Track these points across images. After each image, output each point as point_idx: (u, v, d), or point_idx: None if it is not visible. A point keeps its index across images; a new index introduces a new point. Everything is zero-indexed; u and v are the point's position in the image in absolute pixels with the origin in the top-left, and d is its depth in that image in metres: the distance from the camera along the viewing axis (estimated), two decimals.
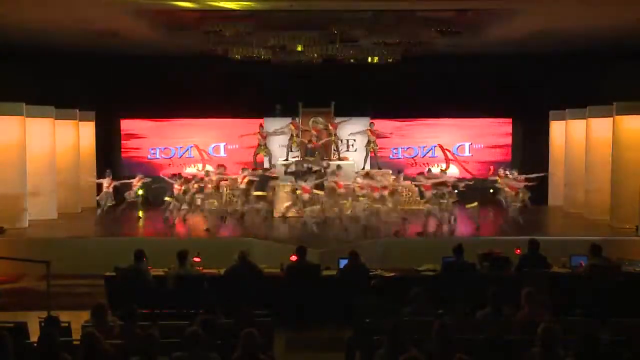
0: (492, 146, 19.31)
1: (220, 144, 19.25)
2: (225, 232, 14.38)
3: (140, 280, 9.07)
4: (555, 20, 13.05)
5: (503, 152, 19.26)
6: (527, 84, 17.93)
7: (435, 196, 13.88)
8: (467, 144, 19.33)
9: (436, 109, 18.47)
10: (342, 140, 18.55)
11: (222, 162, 16.68)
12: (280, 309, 8.38)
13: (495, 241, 11.84)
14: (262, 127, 18.16)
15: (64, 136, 16.86)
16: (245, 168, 16.01)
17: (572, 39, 14.64)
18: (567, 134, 17.50)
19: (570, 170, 17.23)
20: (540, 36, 14.29)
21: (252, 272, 9.17)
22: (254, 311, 7.01)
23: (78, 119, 17.50)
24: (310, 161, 16.67)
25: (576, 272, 9.53)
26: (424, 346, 5.72)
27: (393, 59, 14.74)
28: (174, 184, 14.89)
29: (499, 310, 7.15)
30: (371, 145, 17.84)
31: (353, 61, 14.93)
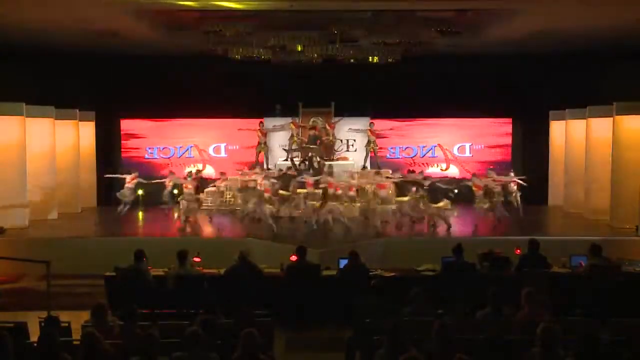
0: (492, 146, 19.31)
1: (220, 144, 19.24)
2: (227, 233, 14.31)
3: (140, 280, 9.06)
4: (555, 20, 13.04)
5: (503, 152, 19.26)
6: (527, 84, 17.92)
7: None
8: (468, 144, 19.34)
9: (436, 108, 18.47)
10: (342, 140, 18.56)
11: (222, 162, 16.64)
12: (280, 309, 8.39)
13: (495, 241, 11.80)
14: (262, 124, 18.15)
15: (64, 136, 16.83)
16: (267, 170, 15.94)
17: (572, 39, 14.64)
18: (567, 134, 17.47)
19: (570, 170, 17.19)
20: (540, 36, 14.28)
21: (252, 272, 9.17)
22: (254, 311, 7.01)
23: (78, 119, 17.47)
24: (313, 149, 16.67)
25: (576, 272, 9.53)
26: (424, 346, 5.72)
27: (393, 59, 14.75)
28: (185, 183, 14.76)
29: (499, 310, 7.14)
30: (371, 145, 17.85)
31: (353, 61, 14.94)
